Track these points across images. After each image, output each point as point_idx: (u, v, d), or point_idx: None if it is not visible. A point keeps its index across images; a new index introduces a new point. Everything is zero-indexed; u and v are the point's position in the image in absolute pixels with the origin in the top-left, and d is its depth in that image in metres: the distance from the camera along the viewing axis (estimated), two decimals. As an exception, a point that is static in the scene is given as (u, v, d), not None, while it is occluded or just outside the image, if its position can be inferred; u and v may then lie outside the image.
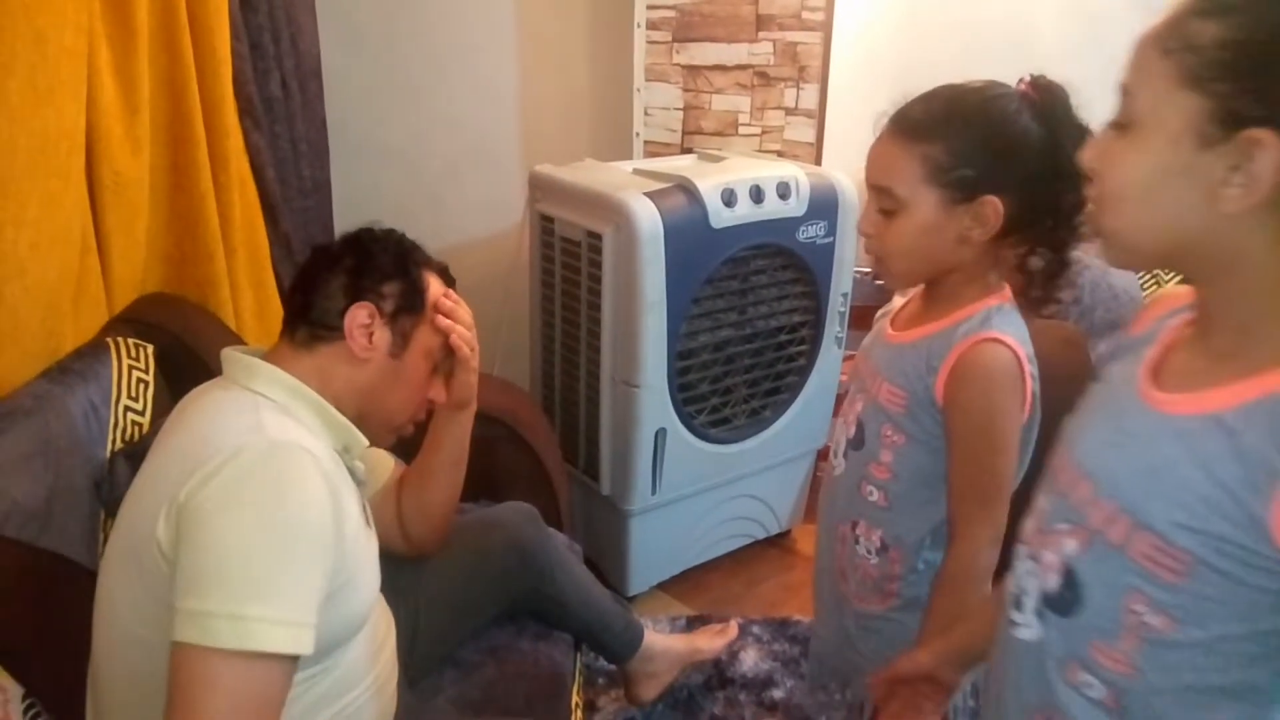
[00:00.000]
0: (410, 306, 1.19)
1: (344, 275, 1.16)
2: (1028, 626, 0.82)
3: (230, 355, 1.12)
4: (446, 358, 1.27)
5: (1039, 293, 1.11)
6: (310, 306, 1.15)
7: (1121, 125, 0.72)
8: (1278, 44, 0.63)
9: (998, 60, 1.19)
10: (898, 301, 1.30)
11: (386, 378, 1.17)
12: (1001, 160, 1.05)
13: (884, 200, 1.10)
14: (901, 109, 1.11)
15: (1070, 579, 0.77)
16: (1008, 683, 0.85)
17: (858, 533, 1.22)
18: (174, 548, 0.92)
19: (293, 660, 0.91)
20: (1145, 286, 2.56)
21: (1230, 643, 0.68)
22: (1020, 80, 1.07)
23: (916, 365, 1.13)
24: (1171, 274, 2.55)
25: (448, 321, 1.24)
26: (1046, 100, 1.05)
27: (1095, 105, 1.06)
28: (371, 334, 1.15)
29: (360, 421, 1.16)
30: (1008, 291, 1.13)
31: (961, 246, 1.08)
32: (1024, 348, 1.09)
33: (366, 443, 1.17)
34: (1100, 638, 0.75)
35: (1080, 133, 1.04)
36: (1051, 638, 0.79)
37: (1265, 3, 0.64)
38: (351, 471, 1.15)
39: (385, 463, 1.42)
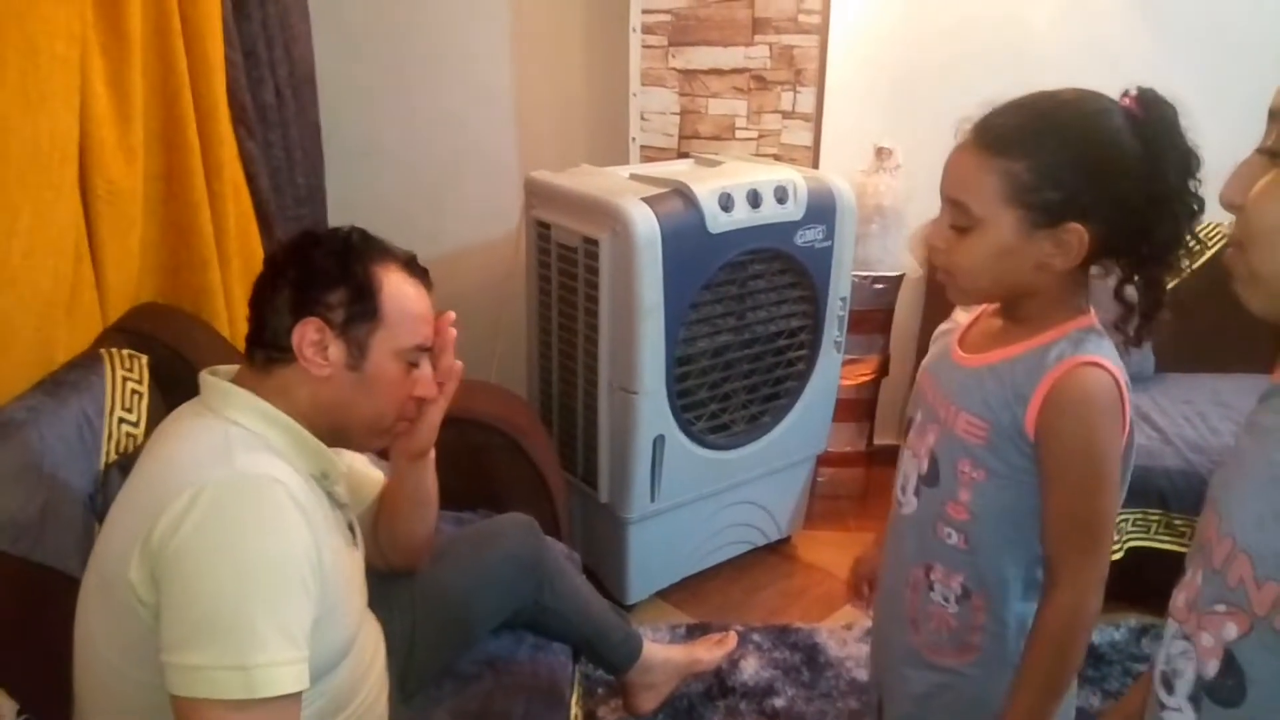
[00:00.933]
0: (362, 313, 1.09)
1: (288, 289, 1.08)
2: (1179, 712, 0.75)
3: (206, 380, 1.08)
4: (428, 351, 1.18)
5: (1134, 331, 1.01)
6: (262, 327, 1.09)
7: (1277, 153, 0.65)
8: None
9: (994, 62, 1.17)
10: (960, 316, 1.21)
11: (352, 390, 1.09)
12: (1094, 183, 0.94)
13: (958, 215, 1.00)
14: (987, 117, 0.99)
15: (1231, 666, 0.70)
16: None
17: (933, 578, 1.11)
18: (150, 592, 0.91)
19: (300, 694, 0.92)
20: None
21: None
22: (1124, 94, 0.96)
23: (1001, 393, 1.02)
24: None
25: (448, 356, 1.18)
26: (1153, 118, 0.94)
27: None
28: (326, 349, 1.07)
29: (340, 434, 1.12)
30: (1094, 314, 1.03)
31: (1039, 273, 0.99)
32: (1122, 372, 0.99)
33: (343, 468, 1.13)
34: None
35: (1187, 157, 0.94)
36: None
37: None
38: (331, 495, 1.12)
39: (374, 478, 1.38)
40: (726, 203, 1.97)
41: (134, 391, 1.46)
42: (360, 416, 1.12)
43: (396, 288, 1.11)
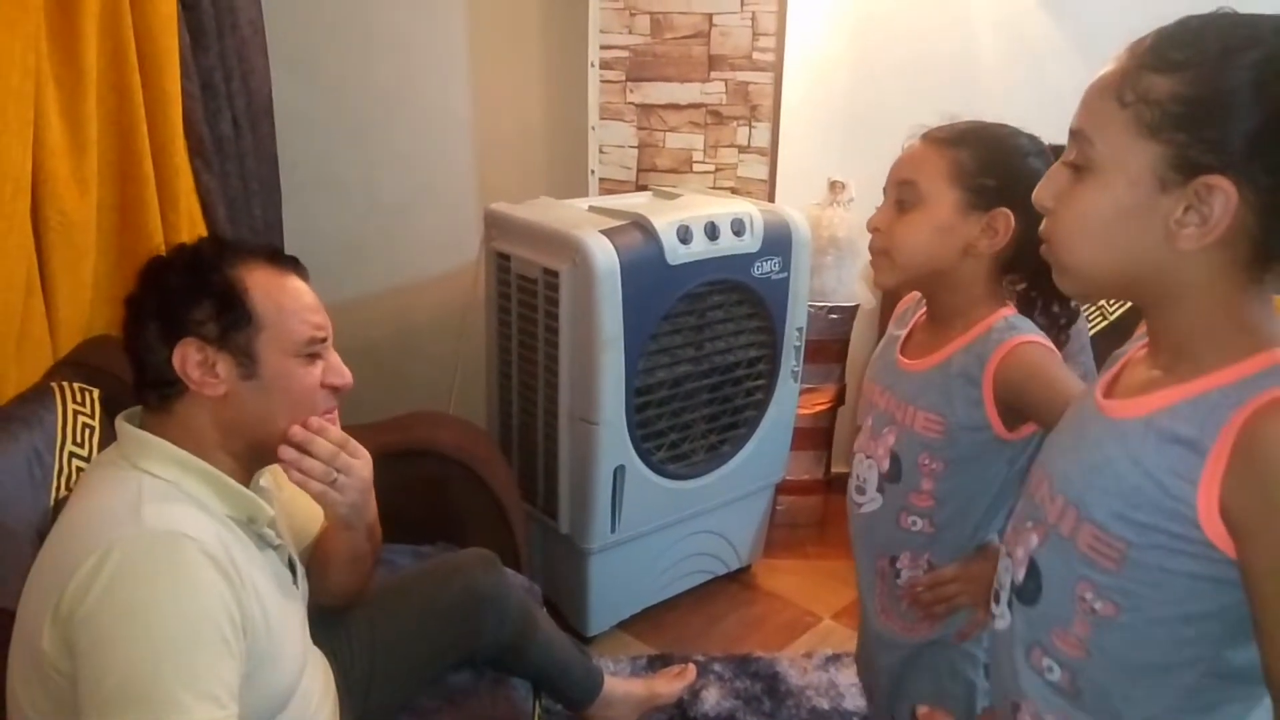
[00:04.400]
0: (235, 320, 1.02)
1: (152, 321, 1.03)
2: (1002, 618, 0.89)
3: (122, 427, 1.04)
4: (325, 341, 1.10)
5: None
6: (143, 369, 1.04)
7: (1079, 167, 0.76)
8: (1226, 99, 0.68)
9: (945, 99, 1.21)
10: (894, 329, 1.29)
11: (256, 399, 1.04)
12: (1014, 182, 1.07)
13: (905, 192, 1.13)
14: (937, 127, 1.15)
15: (1033, 570, 0.84)
16: (993, 671, 0.95)
17: (899, 565, 1.22)
18: (65, 660, 0.88)
19: None
20: (1091, 318, 2.62)
21: (1166, 625, 0.75)
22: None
23: (955, 382, 1.12)
24: (1116, 306, 2.61)
25: (294, 454, 1.07)
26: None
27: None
28: (214, 366, 1.02)
29: (266, 451, 1.07)
30: (1012, 306, 1.15)
31: (965, 258, 1.12)
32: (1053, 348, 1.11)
33: (271, 512, 1.08)
34: (1057, 624, 0.81)
35: None
36: (1018, 626, 0.86)
37: (1211, 61, 0.69)
38: (262, 537, 1.07)
39: (315, 513, 1.31)
40: (685, 235, 1.99)
41: (85, 425, 1.43)
42: (274, 423, 1.06)
43: (267, 284, 1.05)
